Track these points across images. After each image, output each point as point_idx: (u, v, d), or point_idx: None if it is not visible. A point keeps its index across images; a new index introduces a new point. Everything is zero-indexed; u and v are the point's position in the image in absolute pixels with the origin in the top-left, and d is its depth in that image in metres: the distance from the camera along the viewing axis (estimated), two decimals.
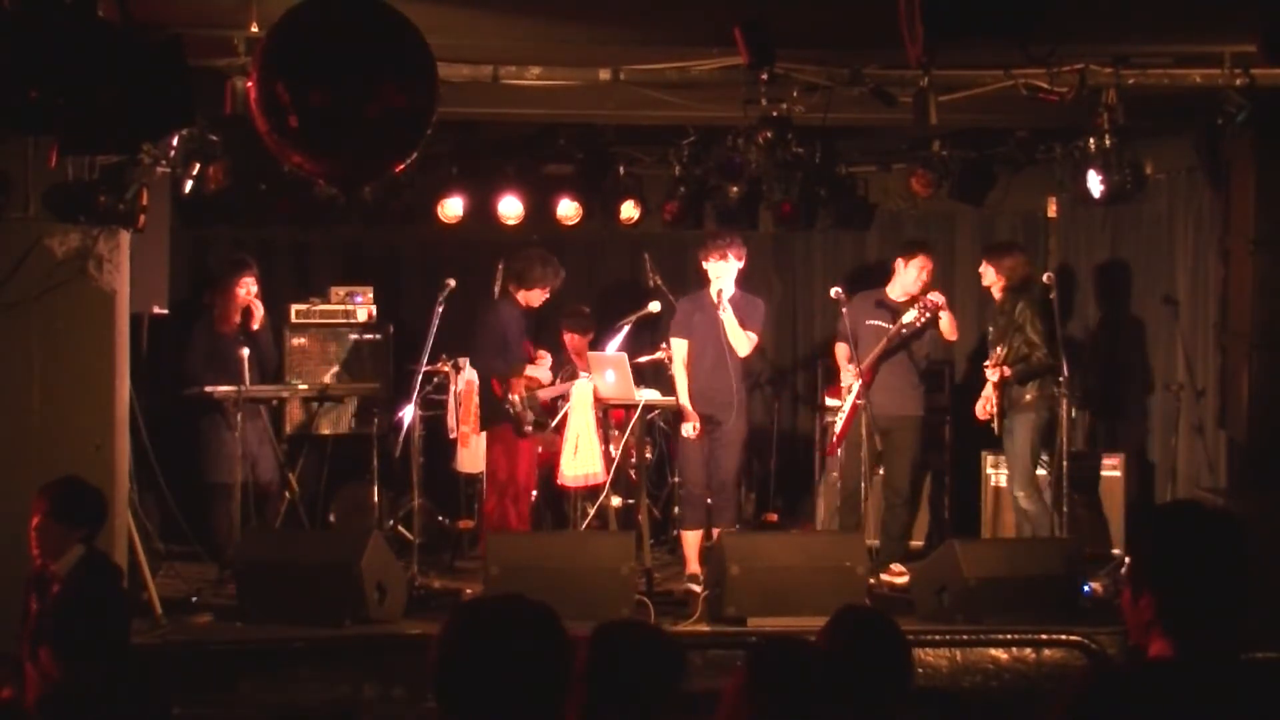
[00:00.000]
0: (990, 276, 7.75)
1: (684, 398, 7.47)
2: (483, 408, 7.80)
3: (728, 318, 7.32)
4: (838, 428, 7.79)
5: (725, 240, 7.45)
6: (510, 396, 7.46)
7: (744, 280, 7.62)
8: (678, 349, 7.56)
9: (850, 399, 7.60)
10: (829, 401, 8.37)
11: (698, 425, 7.41)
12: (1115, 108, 6.50)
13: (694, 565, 7.37)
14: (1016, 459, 7.58)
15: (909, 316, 7.42)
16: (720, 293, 7.33)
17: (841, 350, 7.90)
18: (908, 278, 7.76)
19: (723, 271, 7.39)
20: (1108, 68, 6.32)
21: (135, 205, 5.84)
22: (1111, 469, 8.10)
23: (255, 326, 7.78)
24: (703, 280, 7.54)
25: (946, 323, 7.55)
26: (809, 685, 2.54)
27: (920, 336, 7.62)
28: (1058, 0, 3.93)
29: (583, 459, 7.24)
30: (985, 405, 7.56)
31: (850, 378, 7.61)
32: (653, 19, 5.91)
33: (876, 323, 7.68)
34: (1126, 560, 2.86)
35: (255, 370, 7.64)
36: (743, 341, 7.37)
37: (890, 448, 7.65)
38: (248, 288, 7.77)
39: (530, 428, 7.51)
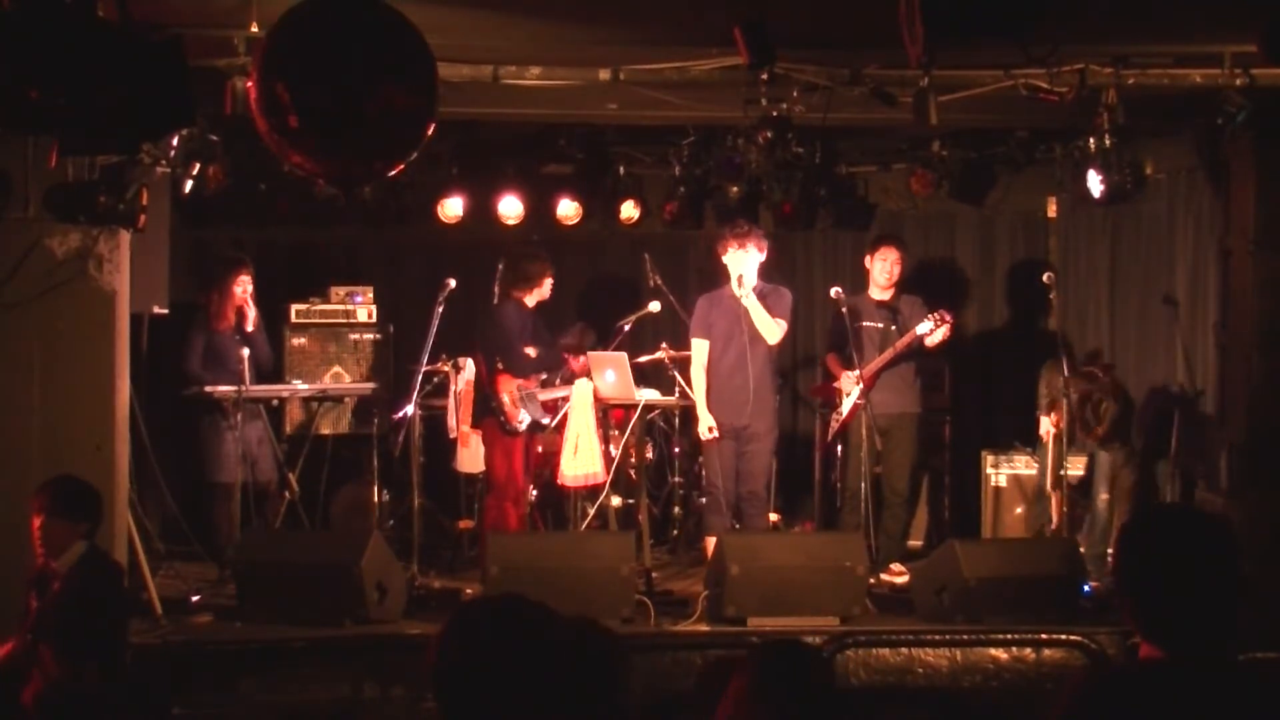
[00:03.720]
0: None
1: (701, 401, 7.30)
2: (477, 405, 7.82)
3: (751, 303, 7.11)
4: (834, 427, 7.79)
5: (744, 229, 7.22)
6: (499, 395, 7.46)
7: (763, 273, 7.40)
8: (698, 350, 7.35)
9: (850, 401, 7.60)
10: (814, 400, 8.37)
11: (714, 426, 7.23)
12: (1115, 108, 6.50)
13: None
14: (1104, 462, 7.57)
15: (924, 328, 7.36)
16: (741, 278, 7.12)
17: (833, 359, 7.89)
18: (875, 270, 7.75)
19: (742, 261, 7.18)
20: (1108, 68, 6.32)
21: (135, 205, 5.84)
22: None
23: (249, 328, 7.77)
24: (709, 279, 7.42)
25: (940, 336, 7.48)
26: (814, 687, 2.53)
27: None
28: (1058, 0, 3.92)
29: (583, 459, 7.23)
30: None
31: (850, 384, 7.59)
32: (653, 19, 5.91)
33: (869, 324, 7.67)
34: None
35: (251, 370, 7.64)
36: (771, 328, 7.16)
37: (889, 446, 7.64)
38: (244, 286, 7.77)
39: (521, 426, 7.49)
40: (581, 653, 2.77)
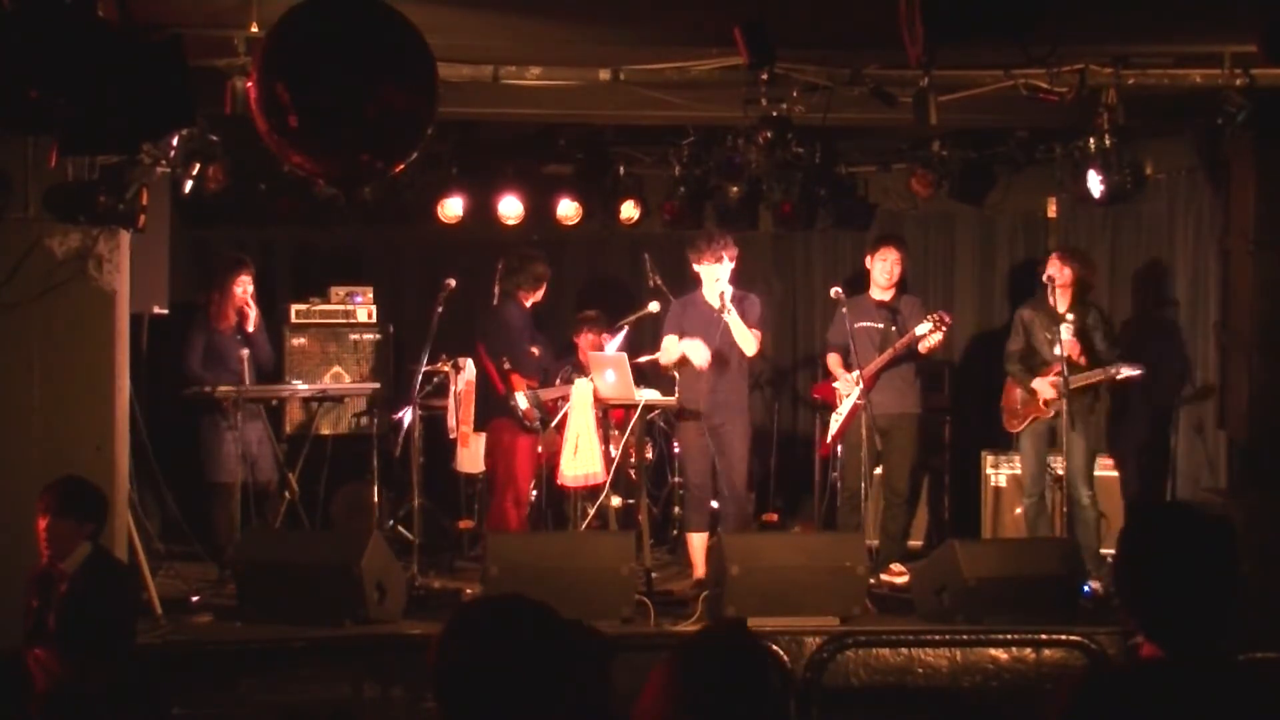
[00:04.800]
0: (1064, 275, 7.45)
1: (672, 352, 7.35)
2: (479, 405, 7.81)
3: (733, 320, 7.17)
4: (833, 429, 7.80)
5: (720, 242, 7.29)
6: (515, 394, 7.47)
7: (742, 280, 7.54)
8: (668, 343, 7.40)
9: (849, 401, 7.61)
10: (816, 398, 8.38)
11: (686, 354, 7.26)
12: (1115, 108, 6.50)
13: (700, 569, 7.32)
14: (1082, 459, 7.48)
15: (923, 328, 7.36)
16: (723, 295, 7.17)
17: (834, 359, 7.90)
18: (876, 271, 7.77)
19: (720, 274, 7.25)
20: (1108, 68, 6.33)
21: (135, 205, 5.84)
22: (1106, 469, 8.11)
23: (250, 328, 7.78)
24: (689, 282, 7.49)
25: (935, 341, 7.51)
26: (738, 681, 2.45)
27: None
28: (1058, 0, 3.92)
29: (583, 459, 7.23)
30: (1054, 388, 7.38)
31: (849, 385, 7.60)
32: (653, 19, 5.91)
33: (868, 324, 7.68)
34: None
35: (252, 370, 7.64)
36: (750, 342, 7.23)
37: (889, 447, 7.64)
38: (245, 286, 7.75)
39: (536, 424, 7.51)
40: (580, 653, 2.75)
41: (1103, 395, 7.63)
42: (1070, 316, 7.33)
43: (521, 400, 7.50)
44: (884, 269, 7.74)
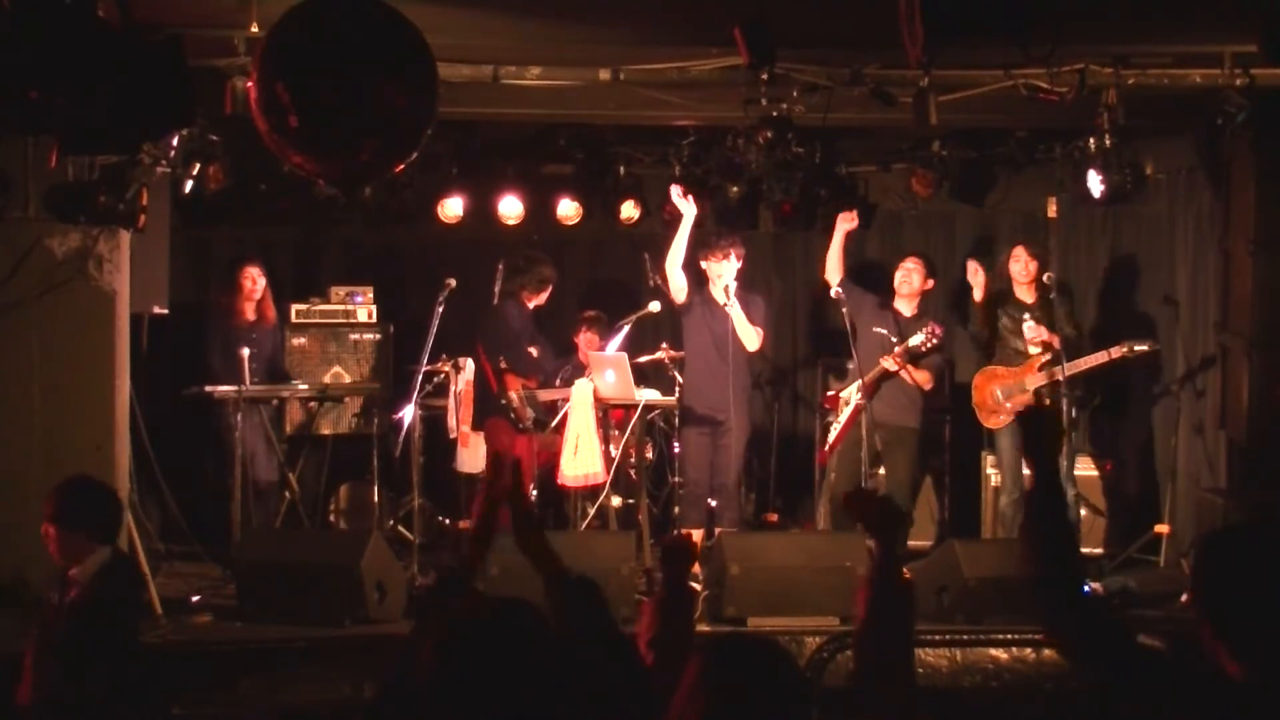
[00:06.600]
0: (1030, 270, 7.62)
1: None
2: (477, 405, 7.81)
3: (736, 312, 7.32)
4: (832, 435, 7.80)
5: (727, 241, 7.50)
6: (509, 394, 7.48)
7: (743, 280, 7.62)
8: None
9: (849, 410, 7.62)
10: (826, 407, 8.39)
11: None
12: (1115, 108, 6.50)
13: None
14: (1065, 459, 7.48)
15: (916, 339, 7.39)
16: (728, 288, 7.34)
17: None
18: (896, 279, 7.82)
19: (725, 271, 7.43)
20: (1108, 68, 6.32)
21: (135, 205, 5.85)
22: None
23: (269, 323, 7.84)
24: (701, 280, 7.55)
25: (924, 375, 7.53)
26: (766, 685, 2.44)
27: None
28: (1058, 0, 3.92)
29: (583, 459, 7.24)
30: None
31: (851, 393, 7.62)
32: (653, 19, 5.91)
33: (881, 330, 7.67)
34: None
35: (263, 367, 7.65)
36: (751, 335, 7.39)
37: (889, 464, 7.65)
38: (252, 279, 7.81)
39: (529, 424, 7.51)
40: (579, 655, 2.75)
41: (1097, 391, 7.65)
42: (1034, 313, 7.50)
43: (513, 399, 7.52)
44: (902, 277, 7.80)
